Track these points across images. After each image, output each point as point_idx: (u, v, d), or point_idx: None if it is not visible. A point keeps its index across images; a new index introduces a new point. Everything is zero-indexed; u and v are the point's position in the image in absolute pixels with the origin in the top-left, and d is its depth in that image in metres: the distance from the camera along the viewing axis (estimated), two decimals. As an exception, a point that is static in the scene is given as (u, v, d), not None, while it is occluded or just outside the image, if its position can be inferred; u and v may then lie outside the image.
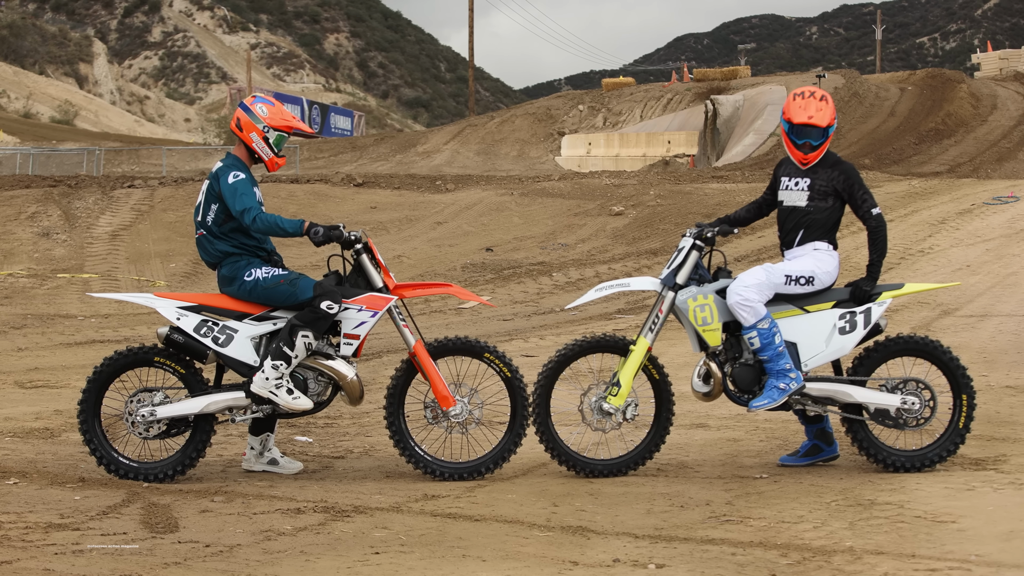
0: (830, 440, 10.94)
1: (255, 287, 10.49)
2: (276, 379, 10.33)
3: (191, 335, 10.50)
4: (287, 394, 10.35)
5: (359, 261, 10.61)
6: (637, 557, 8.05)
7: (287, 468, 10.94)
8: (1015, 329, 19.05)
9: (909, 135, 60.12)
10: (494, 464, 10.62)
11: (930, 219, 30.60)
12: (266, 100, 11.02)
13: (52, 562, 7.88)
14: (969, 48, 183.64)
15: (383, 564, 7.93)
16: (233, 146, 10.98)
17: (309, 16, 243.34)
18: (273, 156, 10.88)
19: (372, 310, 10.46)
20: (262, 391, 10.35)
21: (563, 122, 75.51)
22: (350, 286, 10.59)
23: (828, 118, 10.79)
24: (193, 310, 10.58)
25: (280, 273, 10.51)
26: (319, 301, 10.29)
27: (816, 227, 10.75)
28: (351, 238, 10.47)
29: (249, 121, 10.82)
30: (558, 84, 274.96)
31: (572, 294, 26.22)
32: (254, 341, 10.55)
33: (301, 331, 10.29)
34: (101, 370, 10.51)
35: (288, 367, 10.34)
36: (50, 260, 32.80)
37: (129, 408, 10.46)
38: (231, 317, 10.59)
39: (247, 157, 10.90)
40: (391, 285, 10.64)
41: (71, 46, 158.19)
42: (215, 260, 10.70)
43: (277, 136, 10.86)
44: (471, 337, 10.82)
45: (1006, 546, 8.01)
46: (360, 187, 41.62)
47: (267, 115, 10.84)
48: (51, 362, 18.60)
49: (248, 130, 10.82)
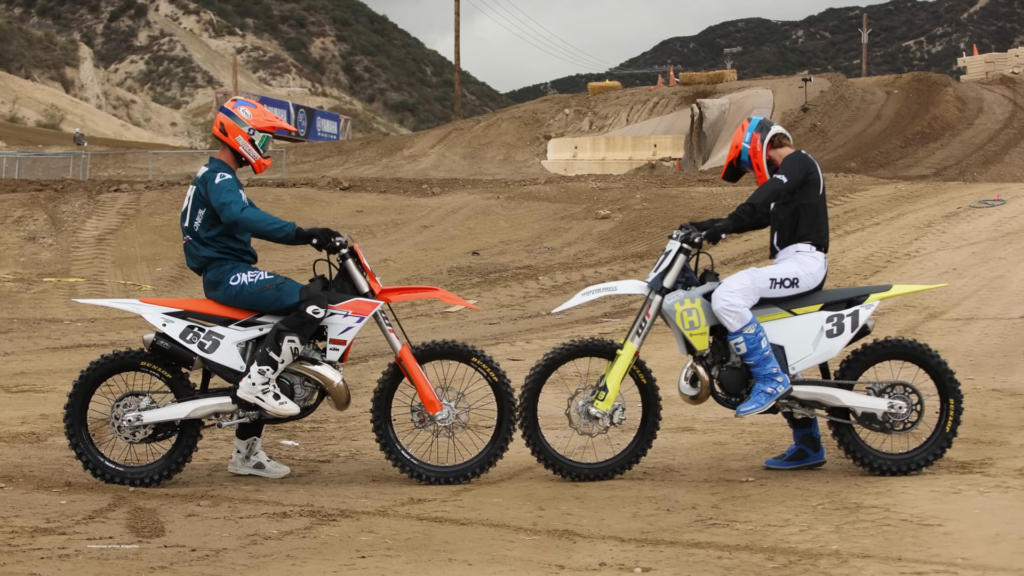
0: (817, 446, 10.94)
1: (240, 292, 10.47)
2: (263, 384, 10.30)
3: (177, 341, 10.47)
4: (274, 399, 10.32)
5: (345, 266, 10.60)
6: (623, 561, 8.04)
7: (273, 472, 10.92)
8: (1001, 332, 19.08)
9: (895, 138, 60.29)
10: (481, 468, 10.61)
11: (916, 222, 30.63)
12: (248, 103, 11.02)
13: (38, 566, 7.86)
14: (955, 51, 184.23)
15: (369, 568, 7.92)
16: (216, 151, 10.96)
17: (295, 20, 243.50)
18: (260, 158, 10.87)
19: (358, 315, 10.45)
20: (248, 396, 10.32)
21: (549, 126, 75.58)
22: (336, 291, 10.58)
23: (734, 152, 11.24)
24: (179, 316, 10.55)
25: (266, 278, 10.49)
26: (305, 306, 10.28)
27: (787, 226, 10.80)
28: (337, 243, 10.48)
29: (233, 125, 10.81)
30: (544, 88, 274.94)
31: (558, 298, 26.23)
32: (240, 347, 10.52)
33: (287, 336, 10.27)
34: (87, 374, 10.48)
35: (275, 372, 10.31)
36: (36, 264, 32.75)
37: (115, 412, 10.44)
38: (217, 323, 10.56)
39: (232, 161, 10.88)
40: (377, 290, 10.63)
41: (57, 50, 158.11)
42: (201, 265, 10.68)
43: (263, 137, 10.85)
44: (458, 341, 10.81)
45: (992, 549, 8.02)
46: (346, 191, 41.61)
47: (251, 117, 10.83)
48: (37, 366, 18.56)
49: (233, 134, 10.80)
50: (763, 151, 11.02)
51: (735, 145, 11.15)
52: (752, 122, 11.20)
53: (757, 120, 11.24)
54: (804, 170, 10.71)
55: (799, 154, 10.85)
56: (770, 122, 11.22)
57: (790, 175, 10.64)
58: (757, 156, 11.03)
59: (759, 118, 11.32)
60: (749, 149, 11.06)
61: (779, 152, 11.04)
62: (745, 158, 11.09)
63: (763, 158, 11.01)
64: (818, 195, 10.85)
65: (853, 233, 29.90)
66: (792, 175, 10.64)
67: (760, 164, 11.02)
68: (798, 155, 10.84)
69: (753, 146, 11.04)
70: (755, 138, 11.05)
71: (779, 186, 10.60)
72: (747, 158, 11.08)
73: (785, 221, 10.83)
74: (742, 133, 11.14)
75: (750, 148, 11.05)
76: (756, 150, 11.04)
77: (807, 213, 10.75)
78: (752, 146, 11.05)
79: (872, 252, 27.53)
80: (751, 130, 11.12)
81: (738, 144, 11.13)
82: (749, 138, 11.07)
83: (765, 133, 11.06)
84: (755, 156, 11.04)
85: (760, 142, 11.03)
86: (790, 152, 10.99)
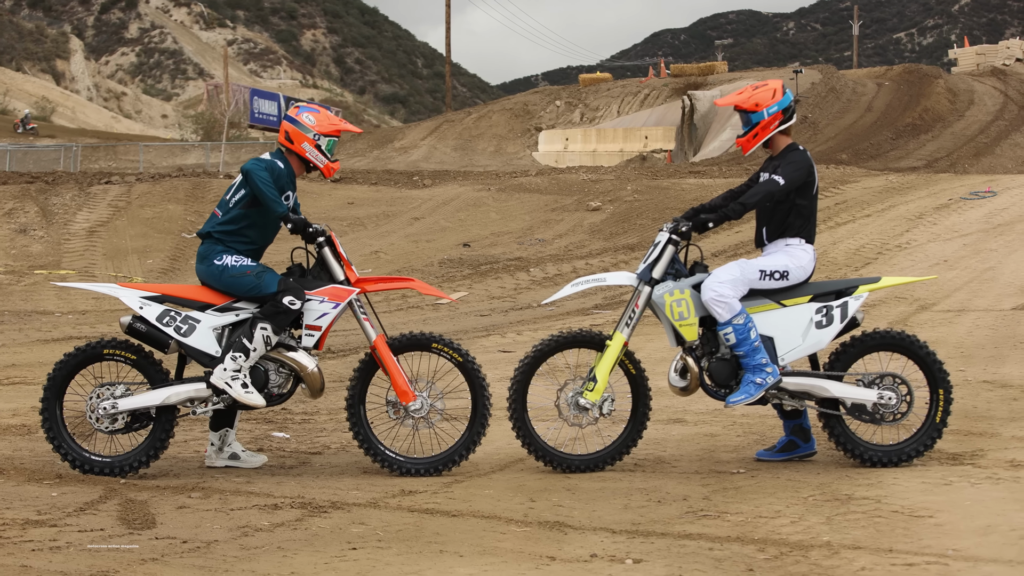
0: (807, 437, 10.94)
1: (222, 273, 10.51)
2: (234, 371, 10.35)
3: (153, 324, 10.51)
4: (241, 387, 10.35)
5: (321, 254, 10.64)
6: (614, 552, 8.05)
7: (249, 462, 10.94)
8: (992, 324, 19.09)
9: (886, 130, 60.31)
10: (466, 451, 10.62)
11: (907, 214, 30.65)
12: (311, 108, 11.08)
13: (29, 559, 7.85)
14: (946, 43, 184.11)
15: (360, 560, 7.92)
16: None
17: (286, 12, 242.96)
18: (328, 162, 10.91)
19: (334, 301, 10.49)
20: (219, 382, 10.36)
21: (540, 118, 75.63)
22: (312, 279, 10.63)
23: (751, 103, 10.82)
24: (156, 300, 10.61)
25: (248, 264, 10.52)
26: (282, 296, 10.33)
27: (777, 221, 10.75)
28: (313, 231, 10.50)
29: (298, 132, 10.84)
30: (535, 80, 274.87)
31: (549, 289, 26.24)
32: (216, 332, 10.55)
33: (260, 324, 10.33)
34: (54, 375, 10.53)
35: (247, 360, 10.35)
36: (27, 256, 32.72)
37: (91, 404, 10.47)
38: (194, 307, 10.61)
39: (300, 167, 10.98)
40: (353, 278, 10.67)
41: (48, 42, 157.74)
42: (204, 234, 10.74)
43: (329, 141, 10.90)
44: (417, 332, 10.85)
45: (983, 540, 8.02)
46: (337, 183, 41.60)
47: (315, 123, 10.87)
48: (28, 358, 18.56)
49: (299, 141, 10.83)
50: (773, 130, 10.89)
51: (756, 103, 10.87)
52: (786, 97, 10.87)
53: (789, 98, 10.97)
54: (804, 173, 10.66)
55: (802, 154, 10.72)
56: (794, 108, 11.10)
57: (789, 178, 10.54)
58: (766, 131, 10.90)
59: (791, 95, 11.11)
60: (766, 120, 10.89)
61: (782, 139, 10.96)
62: (755, 120, 10.93)
63: (766, 136, 10.90)
64: (812, 194, 10.83)
65: (844, 225, 29.91)
66: (791, 178, 10.54)
67: (761, 138, 10.90)
68: (801, 155, 10.70)
69: (770, 121, 10.89)
70: (777, 117, 10.90)
71: (775, 188, 10.51)
72: (755, 121, 10.92)
73: (776, 216, 10.78)
74: (770, 98, 10.86)
75: (767, 119, 10.88)
76: (768, 127, 10.90)
77: (800, 212, 10.71)
78: (770, 120, 10.89)
79: (863, 244, 27.52)
80: (781, 106, 10.89)
81: (760, 105, 10.89)
82: (774, 111, 10.89)
83: (787, 118, 10.93)
84: (764, 129, 10.90)
85: (778, 124, 10.90)
86: (788, 143, 10.91)
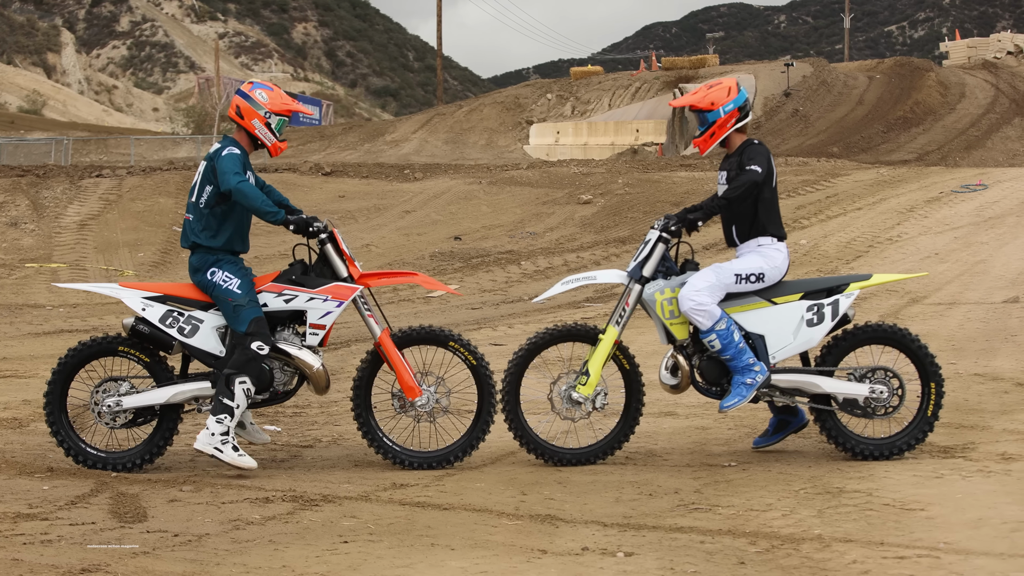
0: (794, 410, 10.96)
1: (213, 289, 10.46)
2: (222, 434, 10.24)
3: (156, 325, 10.46)
4: (232, 451, 10.23)
5: (324, 251, 10.58)
6: (606, 545, 8.05)
7: (253, 435, 11.01)
8: (983, 317, 19.11)
9: (877, 123, 60.38)
10: (463, 452, 10.61)
11: (898, 207, 30.66)
12: (264, 85, 11.01)
13: (20, 552, 7.85)
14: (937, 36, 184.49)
15: (352, 553, 7.93)
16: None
17: (277, 5, 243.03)
18: (276, 141, 10.86)
19: (338, 300, 10.44)
20: (206, 448, 10.23)
21: (531, 111, 75.58)
22: (315, 275, 10.58)
23: (706, 102, 10.79)
24: (158, 300, 10.55)
25: (234, 291, 10.36)
26: (250, 340, 10.25)
27: (744, 220, 10.72)
28: (316, 229, 10.46)
29: (250, 108, 10.78)
30: (526, 73, 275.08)
31: (540, 283, 26.23)
32: (219, 331, 10.51)
33: (237, 379, 10.23)
34: (66, 361, 10.47)
35: (232, 420, 10.25)
36: (18, 250, 32.66)
37: (95, 398, 10.44)
38: (196, 307, 10.56)
39: (248, 144, 10.87)
40: (356, 275, 10.63)
41: (39, 36, 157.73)
42: (191, 246, 10.68)
43: (279, 120, 10.84)
44: (436, 326, 10.81)
45: (974, 534, 8.03)
46: (328, 176, 41.56)
47: (267, 100, 10.80)
48: (19, 352, 18.53)
49: (249, 117, 10.77)
50: (729, 128, 10.88)
51: (711, 102, 10.84)
52: (741, 94, 10.91)
53: (744, 96, 11.01)
54: (770, 162, 10.68)
55: (761, 146, 10.71)
56: (750, 106, 11.12)
57: (764, 167, 10.54)
58: (723, 129, 10.88)
59: (746, 94, 11.13)
60: (722, 118, 10.88)
61: (739, 136, 10.95)
62: (711, 119, 10.90)
63: (723, 135, 10.88)
64: (773, 187, 10.81)
65: (835, 218, 29.91)
66: (764, 167, 10.54)
67: (718, 137, 10.87)
68: (761, 147, 10.68)
69: (727, 119, 10.88)
70: (734, 115, 10.90)
71: (756, 178, 10.44)
72: (711, 120, 10.90)
73: (744, 214, 10.73)
74: (725, 96, 10.83)
75: (723, 117, 10.88)
76: (724, 125, 10.88)
77: (765, 206, 10.67)
78: (726, 118, 10.88)
79: (854, 237, 27.54)
80: (736, 103, 10.89)
81: (715, 104, 10.90)
82: (730, 109, 10.89)
83: (743, 117, 10.94)
84: (720, 128, 10.88)
85: (734, 122, 10.90)
86: (744, 140, 10.90)
